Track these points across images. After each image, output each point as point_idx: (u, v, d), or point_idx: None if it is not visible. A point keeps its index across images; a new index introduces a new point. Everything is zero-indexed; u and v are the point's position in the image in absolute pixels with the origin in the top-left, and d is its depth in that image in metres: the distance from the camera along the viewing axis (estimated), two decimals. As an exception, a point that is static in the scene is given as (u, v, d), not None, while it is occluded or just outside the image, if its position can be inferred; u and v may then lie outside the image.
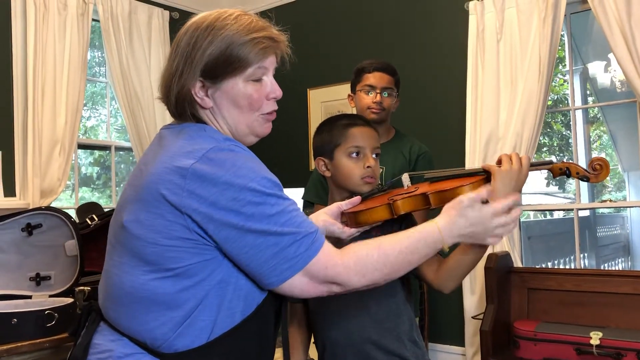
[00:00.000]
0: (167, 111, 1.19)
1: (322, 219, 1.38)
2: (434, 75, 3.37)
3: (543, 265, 5.32)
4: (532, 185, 5.83)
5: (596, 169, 1.31)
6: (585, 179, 1.32)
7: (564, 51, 3.88)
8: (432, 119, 3.35)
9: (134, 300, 1.05)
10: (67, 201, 3.88)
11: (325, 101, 3.81)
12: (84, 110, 3.56)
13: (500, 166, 1.30)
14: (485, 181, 1.31)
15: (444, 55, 3.33)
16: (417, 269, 1.43)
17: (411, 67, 3.32)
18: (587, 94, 6.19)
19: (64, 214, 2.25)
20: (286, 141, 3.92)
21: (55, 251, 2.24)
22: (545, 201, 6.70)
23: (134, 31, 3.54)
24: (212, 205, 1.00)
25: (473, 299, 3.03)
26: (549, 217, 7.05)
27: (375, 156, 1.49)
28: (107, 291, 1.11)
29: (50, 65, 3.09)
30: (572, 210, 3.25)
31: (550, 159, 1.47)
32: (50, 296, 2.19)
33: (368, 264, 1.06)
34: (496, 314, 2.47)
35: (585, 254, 6.03)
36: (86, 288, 2.09)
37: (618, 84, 5.42)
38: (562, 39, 3.24)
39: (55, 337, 1.87)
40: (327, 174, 1.52)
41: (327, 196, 1.63)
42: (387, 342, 1.43)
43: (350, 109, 2.35)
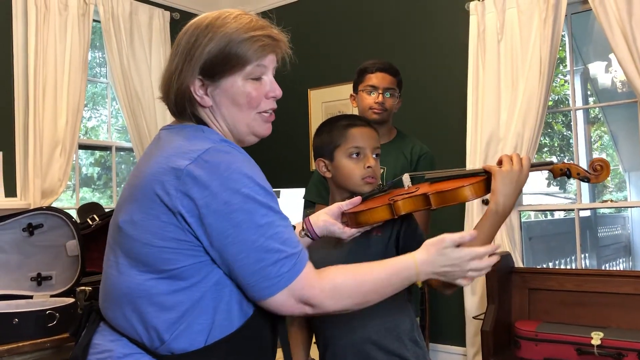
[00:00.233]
0: (168, 111, 1.20)
1: (323, 219, 1.38)
2: (434, 76, 3.37)
3: (544, 266, 5.31)
4: (533, 186, 5.83)
5: (597, 169, 1.31)
6: (586, 179, 1.32)
7: (565, 51, 3.88)
8: (432, 119, 3.35)
9: (130, 301, 1.05)
10: (67, 201, 3.89)
11: (326, 101, 3.81)
12: (85, 110, 3.57)
13: (501, 167, 1.30)
14: (486, 182, 1.31)
15: (444, 56, 3.33)
16: None
17: (412, 68, 3.32)
18: (588, 94, 6.19)
19: (65, 214, 2.25)
20: (287, 141, 3.92)
21: (57, 251, 2.24)
22: (546, 201, 6.69)
23: (134, 32, 3.54)
24: (204, 207, 0.99)
25: (474, 299, 3.03)
26: (549, 217, 7.05)
27: (375, 156, 1.49)
28: (105, 291, 1.12)
29: (51, 65, 3.10)
30: (573, 210, 3.25)
31: (551, 160, 1.47)
32: (52, 296, 2.19)
33: (343, 291, 1.07)
34: (497, 314, 2.47)
35: (586, 254, 6.03)
36: (87, 288, 2.09)
37: (619, 84, 5.42)
38: (563, 39, 3.24)
39: (57, 337, 1.87)
40: (328, 175, 1.52)
41: (328, 196, 1.63)
42: (388, 342, 1.43)
43: (352, 109, 2.35)
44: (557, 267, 5.47)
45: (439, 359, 3.26)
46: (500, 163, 1.32)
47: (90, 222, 2.47)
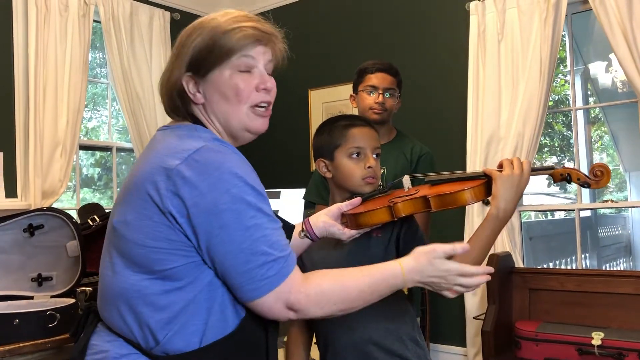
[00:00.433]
0: (168, 112, 1.21)
1: (322, 220, 1.38)
2: (435, 76, 3.37)
3: (544, 266, 5.31)
4: (533, 186, 5.81)
5: (597, 175, 1.31)
6: (586, 185, 1.32)
7: (565, 51, 3.87)
8: (433, 119, 3.35)
9: (125, 301, 1.05)
10: (68, 202, 3.89)
11: (327, 102, 3.81)
12: (85, 111, 3.57)
13: (502, 171, 1.30)
14: (486, 185, 1.31)
15: (445, 56, 3.33)
16: None
17: (412, 68, 3.32)
18: (589, 94, 6.19)
19: (65, 214, 2.25)
20: (287, 142, 3.92)
21: (57, 252, 2.24)
22: (547, 201, 6.69)
23: (135, 32, 3.54)
24: (192, 207, 0.99)
25: (474, 299, 3.03)
26: (550, 217, 7.05)
27: (375, 156, 1.49)
28: (101, 292, 1.12)
29: (51, 66, 3.10)
30: (573, 210, 3.25)
31: (552, 165, 1.47)
32: (52, 297, 2.18)
33: (329, 297, 1.06)
34: (497, 315, 2.47)
35: (587, 255, 6.03)
36: (88, 289, 2.09)
37: (619, 84, 5.42)
38: (563, 39, 3.24)
39: (57, 337, 1.87)
40: (328, 175, 1.52)
41: (328, 196, 1.63)
42: (389, 343, 1.43)
43: (352, 109, 2.35)
44: (557, 267, 5.46)
45: (439, 359, 3.26)
46: (500, 167, 1.32)
47: (91, 223, 2.47)
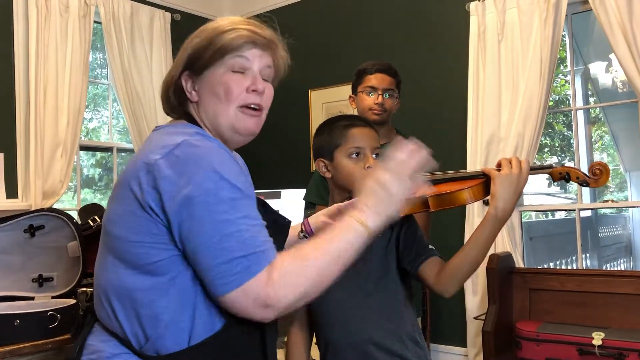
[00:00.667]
0: (169, 112, 1.22)
1: (322, 220, 1.38)
2: (435, 76, 3.37)
3: (545, 266, 5.31)
4: (533, 186, 5.82)
5: (596, 173, 1.31)
6: (585, 183, 1.32)
7: (565, 52, 3.87)
8: (433, 119, 3.35)
9: (115, 298, 1.06)
10: (69, 203, 3.89)
11: (327, 102, 3.81)
12: (86, 112, 3.57)
13: (500, 170, 1.30)
14: (484, 185, 1.31)
15: (445, 56, 3.33)
16: (418, 273, 1.44)
17: (412, 68, 3.32)
18: (589, 94, 6.19)
19: (66, 215, 2.26)
20: (288, 142, 3.92)
21: (58, 252, 2.24)
22: (547, 201, 6.69)
23: (135, 33, 3.54)
24: (168, 201, 0.99)
25: (475, 299, 3.03)
26: (550, 217, 7.05)
27: (375, 156, 1.49)
28: (95, 290, 1.13)
29: (52, 67, 3.10)
30: (574, 210, 3.25)
31: (550, 164, 1.47)
32: (53, 297, 2.19)
33: (296, 275, 0.99)
34: (498, 315, 2.47)
35: (587, 255, 6.03)
36: (88, 289, 2.10)
37: (619, 84, 5.42)
38: (564, 39, 3.24)
39: (58, 338, 1.87)
40: (328, 175, 1.52)
41: (328, 196, 1.63)
42: (389, 343, 1.43)
43: (352, 110, 2.36)
44: (558, 268, 5.46)
45: (440, 359, 3.26)
46: (499, 166, 1.32)
47: (92, 223, 2.47)
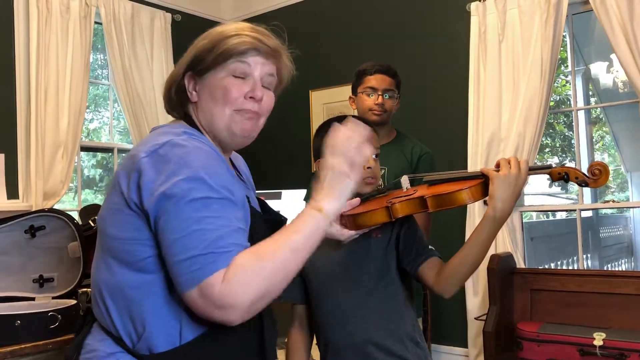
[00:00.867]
0: (169, 112, 1.22)
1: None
2: (435, 77, 3.37)
3: (546, 266, 5.30)
4: (534, 186, 5.82)
5: (595, 173, 1.30)
6: (584, 184, 1.31)
7: (566, 52, 3.87)
8: (434, 120, 3.35)
9: (108, 296, 1.07)
10: (69, 203, 3.89)
11: (327, 103, 3.81)
12: (87, 112, 3.57)
13: (499, 171, 1.30)
14: (483, 185, 1.31)
15: (445, 57, 3.33)
16: (417, 273, 1.43)
17: (413, 68, 3.32)
18: (590, 94, 6.18)
19: (67, 215, 2.26)
20: (288, 143, 3.92)
21: (59, 253, 2.24)
22: (548, 202, 6.68)
23: (136, 34, 3.54)
24: (146, 197, 1.00)
25: (476, 300, 3.03)
26: (551, 217, 7.04)
27: (375, 157, 1.49)
28: (92, 289, 1.14)
29: (52, 67, 3.10)
30: (574, 210, 3.25)
31: (550, 164, 1.46)
32: (54, 298, 2.19)
33: (252, 274, 0.96)
34: (499, 315, 2.47)
35: (588, 255, 6.02)
36: (89, 290, 2.10)
37: (620, 85, 5.42)
38: (564, 39, 3.23)
39: (59, 338, 1.87)
40: (328, 175, 1.52)
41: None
42: (389, 344, 1.43)
43: (352, 111, 2.36)
44: (559, 268, 5.46)
45: (441, 360, 3.26)
46: (498, 166, 1.32)
47: (92, 224, 2.47)
